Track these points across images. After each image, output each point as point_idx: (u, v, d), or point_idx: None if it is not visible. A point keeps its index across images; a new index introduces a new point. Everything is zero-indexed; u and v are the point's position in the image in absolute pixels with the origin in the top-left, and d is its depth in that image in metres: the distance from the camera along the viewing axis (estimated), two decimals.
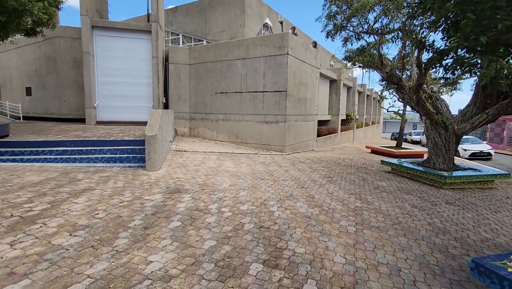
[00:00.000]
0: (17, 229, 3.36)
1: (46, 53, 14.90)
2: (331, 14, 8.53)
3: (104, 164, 7.28)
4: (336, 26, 8.43)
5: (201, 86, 14.49)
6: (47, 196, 4.62)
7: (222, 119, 13.96)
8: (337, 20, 8.49)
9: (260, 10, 21.81)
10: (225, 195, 5.29)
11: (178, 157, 9.11)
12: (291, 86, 12.28)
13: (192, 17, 22.76)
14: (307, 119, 14.27)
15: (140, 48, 13.74)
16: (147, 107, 13.65)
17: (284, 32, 12.32)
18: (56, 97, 14.78)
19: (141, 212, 4.17)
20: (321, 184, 6.70)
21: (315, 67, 14.71)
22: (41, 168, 6.58)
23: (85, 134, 9.11)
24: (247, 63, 12.96)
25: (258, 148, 12.79)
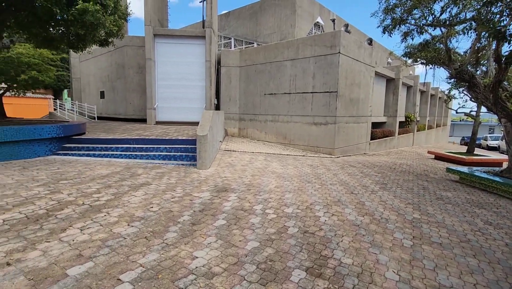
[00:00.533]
0: (86, 216, 3.81)
1: (116, 61, 16.79)
2: (389, 7, 7.88)
3: (160, 161, 7.87)
4: (395, 20, 7.75)
5: (250, 88, 14.76)
6: (111, 188, 5.17)
7: (270, 120, 14.01)
8: (395, 13, 7.81)
9: (311, 9, 21.35)
10: (270, 196, 5.27)
11: (227, 156, 9.40)
12: (342, 86, 11.72)
13: (244, 20, 23.35)
14: (360, 121, 13.47)
15: (195, 52, 14.57)
16: (200, 108, 14.41)
17: (336, 30, 11.82)
18: (123, 100, 16.54)
19: (190, 208, 4.38)
20: (373, 190, 6.23)
21: (369, 65, 13.81)
22: (108, 162, 7.40)
23: (145, 133, 9.99)
24: (296, 64, 12.79)
25: (306, 150, 12.50)
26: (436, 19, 7.35)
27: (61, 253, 2.87)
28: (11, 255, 2.77)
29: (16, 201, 4.20)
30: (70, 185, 5.18)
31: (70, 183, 5.28)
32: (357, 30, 26.58)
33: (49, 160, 7.22)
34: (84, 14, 6.70)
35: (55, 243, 3.06)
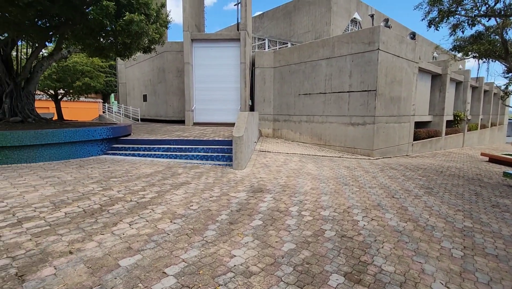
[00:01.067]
0: (134, 212, 4.13)
1: (157, 66, 17.81)
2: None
3: (198, 161, 8.20)
4: (442, 12, 7.19)
5: (284, 88, 14.71)
6: (155, 186, 5.52)
7: (305, 121, 13.83)
8: (442, 5, 7.24)
9: (347, 5, 20.65)
10: (306, 198, 5.22)
11: (261, 157, 9.49)
12: (382, 84, 11.17)
13: (278, 21, 23.33)
14: (401, 121, 12.72)
15: (230, 55, 14.91)
16: (235, 109, 14.71)
17: (375, 26, 11.29)
18: (164, 102, 17.50)
19: (227, 207, 4.52)
20: (416, 195, 5.86)
21: (412, 61, 12.97)
22: (151, 162, 7.90)
23: (184, 134, 10.47)
24: (332, 62, 12.47)
25: (342, 151, 12.12)
26: (490, 8, 6.68)
27: (114, 245, 3.14)
28: (73, 245, 3.10)
29: (75, 196, 4.68)
30: (119, 182, 5.64)
31: (119, 181, 5.74)
32: (399, 24, 25.10)
33: (101, 159, 7.92)
34: (130, 24, 7.25)
35: (108, 235, 3.36)
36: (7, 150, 6.80)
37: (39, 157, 7.20)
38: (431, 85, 17.33)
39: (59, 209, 4.09)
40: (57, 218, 3.79)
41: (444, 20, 7.45)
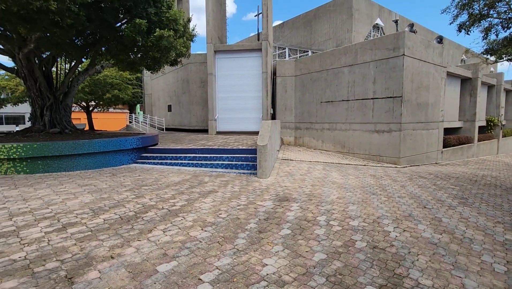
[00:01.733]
0: (166, 220, 4.30)
1: (182, 77, 18.48)
2: (465, 1, 7.12)
3: (223, 169, 8.37)
4: (473, 16, 6.96)
5: (306, 96, 14.71)
6: (184, 194, 5.70)
7: (327, 128, 13.70)
8: (473, 8, 7.02)
9: (369, 11, 20.44)
10: (333, 207, 5.17)
11: (285, 165, 9.50)
12: (408, 90, 10.88)
13: (298, 30, 23.49)
14: (429, 127, 12.26)
15: (251, 65, 15.20)
16: (257, 118, 14.88)
17: (399, 31, 11.09)
18: (187, 112, 18.05)
19: (255, 216, 4.58)
20: (450, 205, 5.61)
21: (440, 66, 12.54)
22: (178, 170, 8.16)
23: (208, 143, 10.73)
24: (354, 69, 12.34)
25: (367, 159, 11.84)
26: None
27: (150, 251, 3.30)
28: (113, 250, 3.29)
29: (111, 204, 4.95)
30: (150, 190, 5.88)
31: (150, 189, 6.00)
32: (424, 28, 24.40)
33: (131, 168, 8.30)
34: (161, 39, 7.67)
35: (145, 242, 3.53)
36: (48, 160, 7.32)
37: (76, 166, 7.68)
38: (461, 90, 16.59)
39: (98, 216, 4.35)
40: (97, 224, 4.04)
41: (475, 24, 7.21)
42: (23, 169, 7.17)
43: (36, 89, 9.75)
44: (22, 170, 7.16)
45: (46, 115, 10.11)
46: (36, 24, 6.34)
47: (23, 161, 7.13)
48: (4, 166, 7.06)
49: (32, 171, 7.24)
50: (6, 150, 6.90)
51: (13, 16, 5.97)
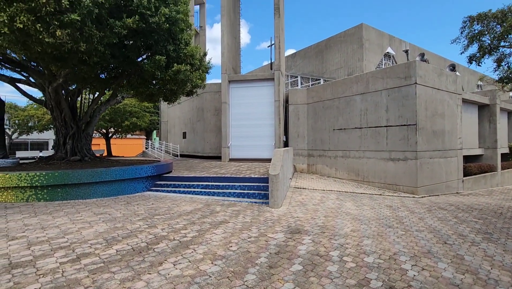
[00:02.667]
0: (177, 252, 4.30)
1: (197, 105, 19.16)
2: (474, 34, 7.23)
3: (235, 198, 8.36)
4: (483, 48, 7.02)
5: (318, 124, 14.80)
6: (195, 224, 5.71)
7: (340, 156, 13.58)
8: (483, 41, 7.09)
9: (380, 40, 20.92)
10: (346, 241, 5.00)
11: (297, 194, 9.38)
12: (422, 118, 10.77)
13: (310, 59, 24.20)
14: (447, 155, 11.91)
15: (264, 93, 15.63)
16: (270, 145, 15.00)
17: (410, 61, 11.23)
18: (201, 139, 18.46)
19: (266, 249, 4.50)
20: (473, 241, 5.30)
21: (454, 93, 12.44)
22: (191, 199, 8.23)
23: (221, 171, 10.84)
24: (366, 97, 12.43)
25: (383, 188, 11.52)
26: None
27: (160, 286, 3.28)
28: (124, 284, 3.30)
29: (124, 234, 5.02)
30: (162, 220, 5.94)
31: (162, 218, 6.05)
32: (436, 56, 24.56)
33: (145, 196, 8.45)
34: (178, 73, 8.14)
35: (155, 275, 3.52)
36: (68, 188, 7.60)
37: (93, 194, 7.92)
38: (479, 116, 16.22)
39: (111, 246, 4.41)
40: (109, 255, 4.09)
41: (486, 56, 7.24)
42: (43, 196, 7.45)
43: (61, 119, 10.38)
44: (42, 198, 7.45)
45: (68, 144, 10.65)
46: (66, 62, 6.93)
47: (44, 188, 7.44)
48: (27, 194, 7.38)
49: (52, 199, 7.51)
50: (30, 178, 7.25)
51: (47, 55, 6.57)
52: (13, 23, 5.21)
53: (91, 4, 5.65)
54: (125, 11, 7.12)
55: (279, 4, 15.51)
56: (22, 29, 5.35)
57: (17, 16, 5.20)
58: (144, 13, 7.03)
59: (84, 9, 5.58)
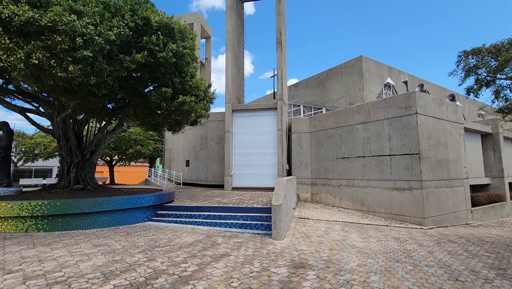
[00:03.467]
0: (176, 287, 4.13)
1: (201, 134, 19.42)
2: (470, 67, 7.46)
3: (237, 229, 8.17)
4: (480, 81, 7.21)
5: (321, 152, 14.82)
6: (196, 257, 5.54)
7: (344, 185, 13.41)
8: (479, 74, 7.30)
9: (379, 71, 21.56)
10: (352, 277, 4.79)
11: (301, 225, 9.15)
12: (425, 147, 10.77)
13: (311, 89, 24.85)
14: (453, 185, 11.71)
15: (267, 122, 15.88)
16: (273, 174, 14.93)
17: (409, 91, 11.48)
18: (204, 167, 18.47)
19: (268, 286, 4.31)
20: (486, 278, 5.04)
21: (456, 122, 12.53)
22: (192, 229, 8.05)
23: (224, 200, 10.71)
24: (368, 126, 12.55)
25: (389, 219, 11.21)
26: None
27: None
28: None
29: (123, 267, 4.88)
30: (162, 252, 5.78)
31: (162, 251, 5.89)
32: (435, 86, 25.11)
33: (146, 226, 8.30)
34: (183, 104, 8.38)
35: None
36: (68, 218, 7.53)
37: (94, 224, 7.80)
38: (483, 145, 16.16)
39: (109, 281, 4.26)
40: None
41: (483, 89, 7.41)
42: (43, 226, 7.36)
43: (67, 148, 10.54)
44: (42, 228, 7.35)
45: (72, 172, 10.70)
46: (76, 94, 7.21)
47: (44, 218, 7.37)
48: (27, 224, 7.30)
49: (52, 229, 7.41)
50: (31, 208, 7.21)
51: (58, 88, 6.86)
52: (29, 59, 5.52)
53: (104, 41, 6.00)
54: (134, 47, 7.53)
55: (281, 38, 16.29)
56: (37, 64, 5.65)
57: (33, 53, 5.52)
58: (153, 49, 7.42)
59: (97, 46, 5.92)
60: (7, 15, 5.29)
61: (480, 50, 7.11)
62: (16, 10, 5.36)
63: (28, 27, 5.48)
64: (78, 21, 5.74)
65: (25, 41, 5.65)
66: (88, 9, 6.30)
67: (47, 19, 5.44)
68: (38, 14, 5.46)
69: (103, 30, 6.18)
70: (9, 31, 5.59)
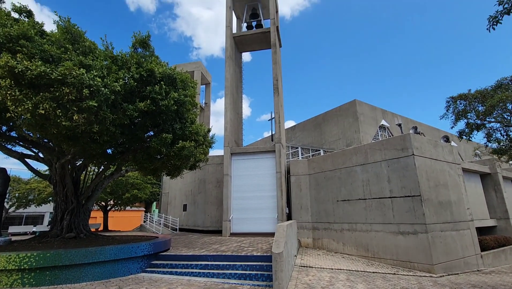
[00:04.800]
0: None
1: (199, 177, 19.30)
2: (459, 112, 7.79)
3: (236, 280, 7.68)
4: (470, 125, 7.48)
5: (321, 195, 14.61)
6: None
7: (347, 229, 12.98)
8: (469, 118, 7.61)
9: (373, 114, 22.33)
10: None
11: (303, 274, 8.64)
12: (426, 188, 10.70)
13: (309, 131, 25.44)
14: (458, 227, 11.38)
15: (265, 165, 15.91)
16: (272, 218, 14.53)
17: (404, 134, 11.78)
18: (202, 212, 18.00)
19: None
20: None
21: (453, 163, 12.62)
22: (188, 282, 7.55)
23: (222, 248, 10.23)
24: (367, 168, 12.59)
25: (396, 266, 10.64)
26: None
27: None
28: None
29: None
30: None
31: None
32: (429, 127, 25.85)
33: (139, 279, 7.79)
34: (182, 150, 8.49)
35: None
36: (57, 270, 7.09)
37: (84, 276, 7.33)
38: (483, 185, 16.07)
39: None
40: None
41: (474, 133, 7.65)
42: (29, 281, 6.89)
43: (62, 194, 10.36)
44: (28, 282, 6.87)
45: (65, 219, 10.36)
46: (78, 141, 7.33)
47: (32, 272, 6.94)
48: (12, 278, 6.84)
49: (38, 283, 6.92)
50: (19, 260, 6.83)
51: (60, 135, 6.99)
52: (36, 110, 5.72)
53: (109, 92, 6.30)
54: (138, 96, 7.87)
55: (277, 84, 17.17)
56: (43, 114, 5.85)
57: (41, 104, 5.75)
58: (155, 98, 7.75)
59: (102, 96, 6.20)
60: (20, 70, 5.63)
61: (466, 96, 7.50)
62: (29, 65, 5.72)
63: (38, 80, 5.79)
64: (87, 74, 6.09)
65: (34, 93, 5.92)
66: (96, 63, 6.73)
67: (58, 73, 5.77)
68: (49, 68, 5.81)
69: (109, 82, 6.52)
70: (20, 84, 5.88)
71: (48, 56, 6.27)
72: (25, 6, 8.03)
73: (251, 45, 20.25)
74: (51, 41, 6.81)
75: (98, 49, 7.99)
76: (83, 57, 6.51)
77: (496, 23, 4.01)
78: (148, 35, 8.66)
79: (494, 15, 4.04)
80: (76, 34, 7.31)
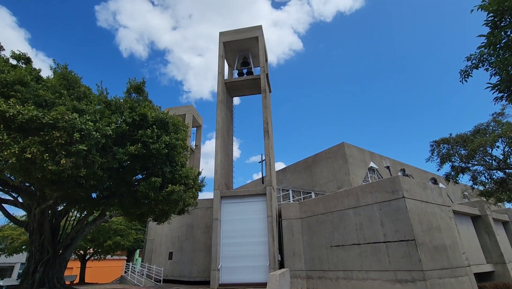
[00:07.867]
0: None
1: (187, 222, 18.51)
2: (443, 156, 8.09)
3: None
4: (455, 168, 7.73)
5: (314, 240, 14.11)
6: None
7: (342, 277, 12.31)
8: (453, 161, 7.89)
9: (362, 156, 22.81)
10: None
11: None
12: (419, 232, 10.53)
13: (299, 173, 25.49)
14: (457, 274, 10.98)
15: (256, 209, 15.50)
16: (264, 266, 13.73)
17: (393, 176, 11.95)
18: (189, 260, 16.90)
19: None
20: None
21: (443, 205, 12.66)
22: None
23: None
24: (359, 211, 12.44)
25: None
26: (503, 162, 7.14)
27: None
28: None
29: None
30: None
31: None
32: (417, 169, 26.42)
33: None
34: (171, 194, 8.26)
35: None
36: None
37: None
38: (475, 228, 15.93)
39: None
40: None
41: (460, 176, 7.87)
42: None
43: (38, 243, 9.63)
44: None
45: (38, 272, 9.50)
46: (62, 185, 7.06)
47: None
48: None
49: None
50: None
51: (45, 180, 6.74)
52: (23, 154, 5.59)
53: (100, 136, 6.29)
54: (129, 139, 7.87)
55: (268, 128, 17.60)
56: (29, 158, 5.70)
57: (28, 148, 5.64)
58: (146, 141, 7.76)
59: (93, 140, 6.17)
60: (11, 114, 5.62)
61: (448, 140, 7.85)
62: (22, 110, 5.73)
63: (29, 124, 5.76)
64: (79, 118, 6.12)
65: (22, 136, 5.84)
66: (90, 108, 6.83)
67: (50, 117, 5.79)
68: (41, 112, 5.84)
69: (101, 126, 6.55)
70: (9, 128, 5.82)
71: (41, 101, 6.34)
72: (24, 53, 8.34)
73: (242, 90, 21.16)
74: (47, 86, 6.95)
75: (92, 94, 8.18)
76: (77, 102, 6.61)
77: (467, 76, 4.41)
78: (143, 82, 9.00)
79: (464, 69, 4.46)
80: (72, 80, 7.53)
